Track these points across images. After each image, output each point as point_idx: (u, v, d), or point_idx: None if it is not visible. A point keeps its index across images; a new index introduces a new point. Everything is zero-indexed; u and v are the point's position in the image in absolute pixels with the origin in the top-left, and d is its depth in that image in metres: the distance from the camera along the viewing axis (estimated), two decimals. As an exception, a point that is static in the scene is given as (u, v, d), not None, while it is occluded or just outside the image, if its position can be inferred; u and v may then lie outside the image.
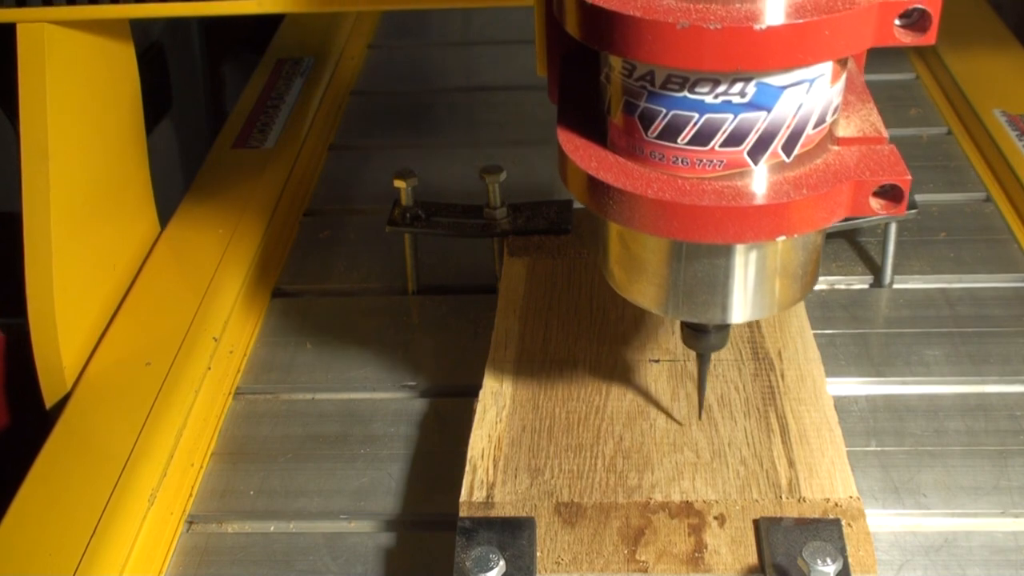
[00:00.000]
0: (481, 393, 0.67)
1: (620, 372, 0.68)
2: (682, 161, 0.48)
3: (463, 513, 0.60)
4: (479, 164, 0.83)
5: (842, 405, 0.71)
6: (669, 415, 0.65)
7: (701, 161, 0.47)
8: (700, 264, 0.52)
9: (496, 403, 0.67)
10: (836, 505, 0.59)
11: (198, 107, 1.37)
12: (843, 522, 0.58)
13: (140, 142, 0.90)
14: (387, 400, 0.77)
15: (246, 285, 0.86)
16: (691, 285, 0.52)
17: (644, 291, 0.54)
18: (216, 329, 0.80)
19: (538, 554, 0.58)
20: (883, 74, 1.14)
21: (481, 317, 0.82)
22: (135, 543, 0.64)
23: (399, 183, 0.82)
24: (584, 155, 0.50)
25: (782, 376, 0.68)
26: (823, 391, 0.66)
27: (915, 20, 0.44)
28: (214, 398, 0.76)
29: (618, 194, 0.48)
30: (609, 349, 0.70)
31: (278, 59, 1.20)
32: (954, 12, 0.88)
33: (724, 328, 0.59)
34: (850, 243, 0.88)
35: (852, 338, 0.79)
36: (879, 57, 0.69)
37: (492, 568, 0.55)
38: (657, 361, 0.69)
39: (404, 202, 0.83)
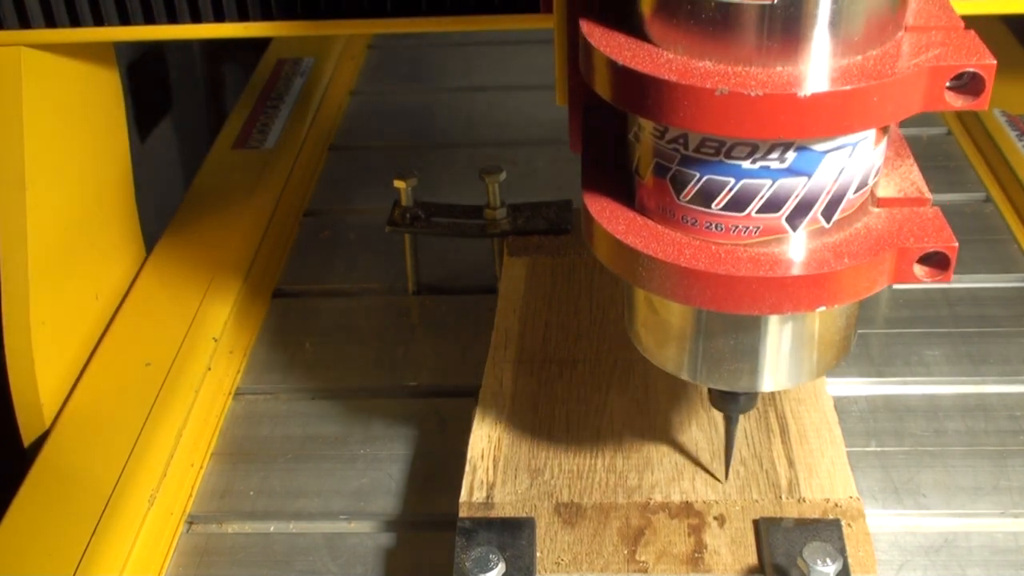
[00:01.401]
0: (481, 393, 0.67)
1: (620, 372, 0.68)
2: (716, 227, 0.45)
3: (463, 513, 0.60)
4: (479, 164, 0.83)
5: (842, 405, 0.71)
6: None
7: (736, 227, 0.44)
8: (732, 332, 0.49)
9: (496, 403, 0.67)
10: (836, 505, 0.59)
11: (198, 107, 1.37)
12: (843, 522, 0.58)
13: (124, 169, 0.88)
14: (387, 400, 0.77)
15: (246, 285, 0.86)
16: (722, 353, 0.50)
17: (671, 356, 0.51)
18: (216, 329, 0.80)
19: (538, 554, 0.58)
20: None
21: (481, 317, 0.82)
22: (135, 543, 0.64)
23: (399, 183, 0.83)
24: (611, 217, 0.47)
25: (782, 376, 0.68)
26: (823, 391, 0.66)
27: (966, 83, 0.41)
28: (214, 398, 0.76)
29: (647, 260, 0.45)
30: (609, 349, 0.70)
31: (278, 59, 1.20)
32: (954, 12, 0.88)
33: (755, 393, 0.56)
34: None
35: (852, 338, 0.79)
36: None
37: (492, 568, 0.55)
38: (657, 361, 0.69)
39: (404, 202, 0.83)
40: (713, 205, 0.44)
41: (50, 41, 0.72)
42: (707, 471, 0.61)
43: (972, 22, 0.45)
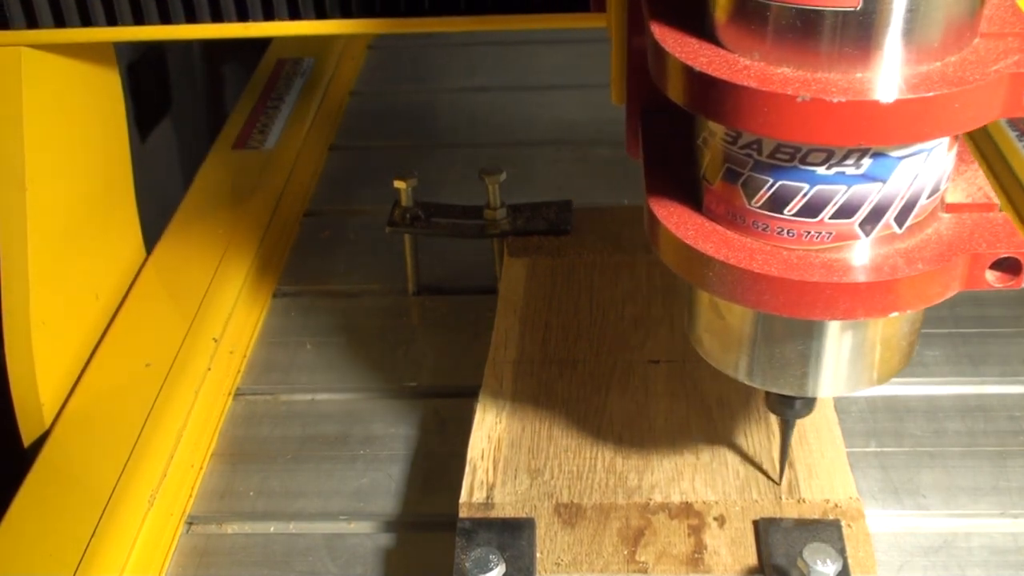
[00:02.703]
0: (481, 393, 0.67)
1: (620, 372, 0.68)
2: (788, 232, 0.45)
3: (463, 514, 0.60)
4: (479, 164, 0.83)
5: (842, 405, 0.71)
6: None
7: (808, 233, 0.44)
8: (798, 337, 0.49)
9: (496, 403, 0.67)
10: (836, 506, 0.59)
11: (198, 107, 1.37)
12: (843, 523, 0.58)
13: (124, 168, 0.88)
14: (387, 400, 0.77)
15: (246, 285, 0.86)
16: (787, 357, 0.50)
17: (733, 360, 0.52)
18: (216, 330, 0.80)
19: (538, 555, 0.58)
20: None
21: (481, 317, 0.82)
22: (135, 544, 0.64)
23: (399, 183, 0.83)
24: (679, 222, 0.47)
25: (782, 377, 0.67)
26: (823, 392, 0.66)
27: None
28: (214, 399, 0.76)
29: (718, 266, 0.45)
30: (609, 349, 0.70)
31: (278, 59, 1.20)
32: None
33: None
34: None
35: (852, 338, 0.79)
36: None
37: (492, 569, 0.55)
38: (657, 362, 0.69)
39: (404, 203, 0.83)
40: (786, 211, 0.44)
41: (51, 41, 0.71)
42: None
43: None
